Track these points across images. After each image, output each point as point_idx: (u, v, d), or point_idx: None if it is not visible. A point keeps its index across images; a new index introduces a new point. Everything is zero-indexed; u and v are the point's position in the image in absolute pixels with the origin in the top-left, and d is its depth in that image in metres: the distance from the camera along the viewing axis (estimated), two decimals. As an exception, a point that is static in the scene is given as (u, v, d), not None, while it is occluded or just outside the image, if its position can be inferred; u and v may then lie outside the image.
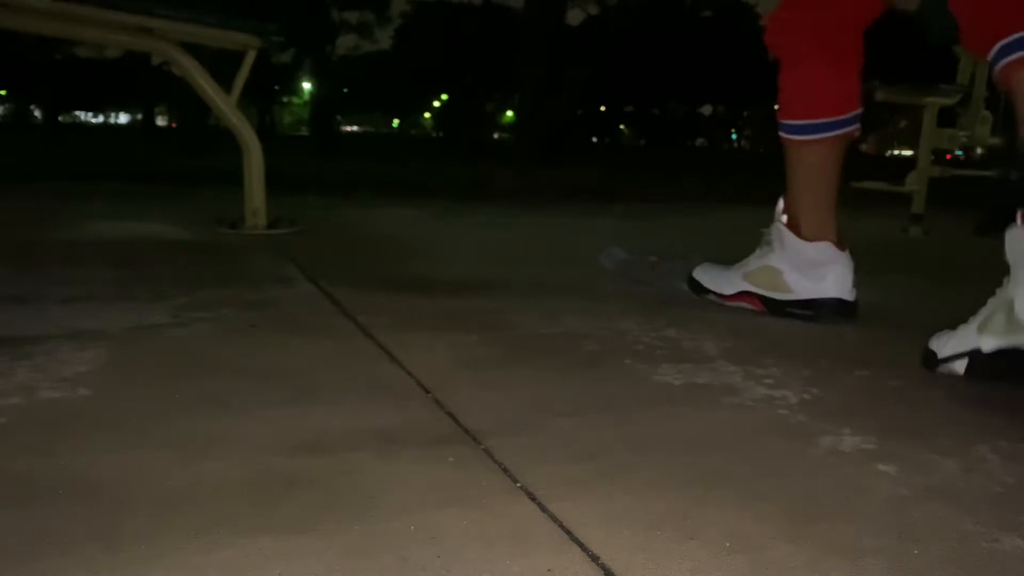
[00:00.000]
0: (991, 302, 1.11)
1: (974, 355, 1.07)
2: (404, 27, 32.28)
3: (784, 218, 1.46)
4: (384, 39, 33.24)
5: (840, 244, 1.43)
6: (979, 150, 3.18)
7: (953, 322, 1.11)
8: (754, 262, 1.50)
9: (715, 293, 1.52)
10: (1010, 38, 1.14)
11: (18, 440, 0.74)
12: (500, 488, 0.67)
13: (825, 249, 1.42)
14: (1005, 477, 0.73)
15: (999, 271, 1.76)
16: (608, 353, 1.12)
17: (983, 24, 1.16)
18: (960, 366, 1.08)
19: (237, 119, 2.26)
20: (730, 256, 1.55)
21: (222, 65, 2.38)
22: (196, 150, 8.75)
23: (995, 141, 3.10)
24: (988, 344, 1.05)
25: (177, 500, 0.63)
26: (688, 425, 0.85)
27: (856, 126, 1.44)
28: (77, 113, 46.05)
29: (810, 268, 1.43)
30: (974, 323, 1.10)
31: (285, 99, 41.22)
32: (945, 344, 1.11)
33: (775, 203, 1.49)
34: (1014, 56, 1.14)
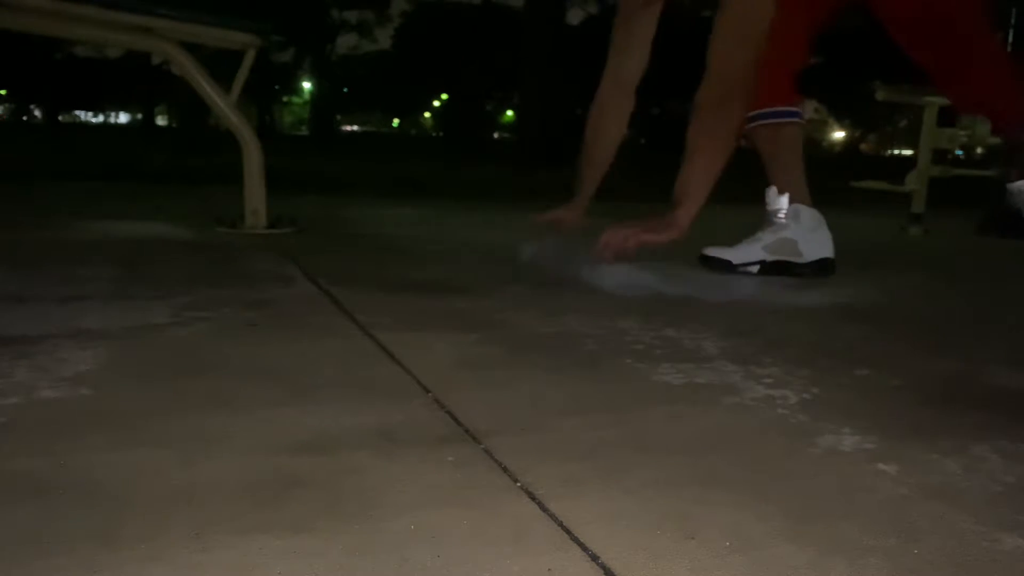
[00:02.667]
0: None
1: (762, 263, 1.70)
2: (404, 27, 32.26)
3: (786, 197, 1.75)
4: (384, 39, 33.23)
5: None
6: (979, 150, 3.17)
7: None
8: (769, 236, 1.76)
9: (728, 262, 1.74)
10: (756, 112, 1.71)
11: (18, 440, 0.74)
12: (500, 488, 0.67)
13: (817, 213, 1.77)
14: (1005, 477, 0.73)
15: (999, 271, 1.76)
16: (608, 353, 1.12)
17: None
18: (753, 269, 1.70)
19: (237, 119, 2.26)
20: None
21: (222, 65, 2.38)
22: (196, 150, 8.75)
23: (995, 141, 3.10)
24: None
25: (177, 500, 0.63)
26: (688, 425, 0.85)
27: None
28: (77, 113, 46.04)
29: (812, 233, 1.75)
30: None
31: (285, 99, 41.20)
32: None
33: (763, 199, 1.80)
34: (755, 123, 1.74)
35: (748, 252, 1.76)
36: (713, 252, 1.78)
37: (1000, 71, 1.65)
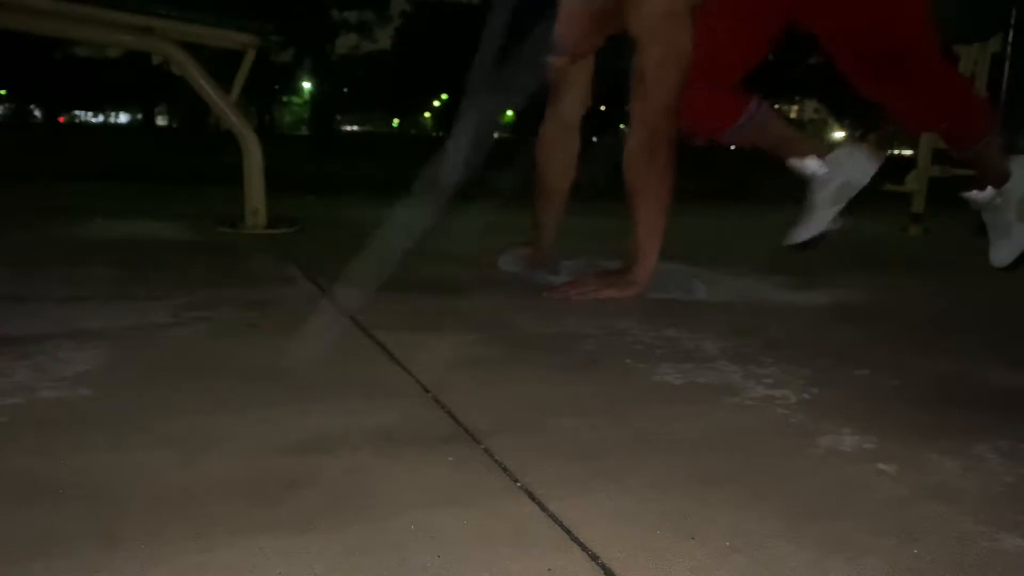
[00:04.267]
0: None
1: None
2: (404, 27, 32.26)
3: (810, 158, 1.72)
4: (384, 39, 33.24)
5: None
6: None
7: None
8: (825, 195, 1.73)
9: (822, 234, 1.72)
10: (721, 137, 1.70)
11: (18, 440, 0.74)
12: (500, 488, 0.67)
13: (841, 149, 1.76)
14: (1005, 477, 0.73)
15: (998, 271, 1.76)
16: (608, 353, 1.12)
17: None
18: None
19: (237, 119, 2.26)
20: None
21: (222, 65, 2.38)
22: (196, 150, 8.75)
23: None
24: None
25: (177, 500, 0.63)
26: (688, 425, 0.85)
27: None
28: (77, 113, 46.05)
29: (850, 162, 1.73)
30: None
31: (285, 99, 41.19)
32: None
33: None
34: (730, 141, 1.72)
35: (823, 216, 1.73)
36: (801, 236, 1.75)
37: (944, 89, 1.64)
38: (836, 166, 1.69)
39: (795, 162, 1.73)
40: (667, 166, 1.49)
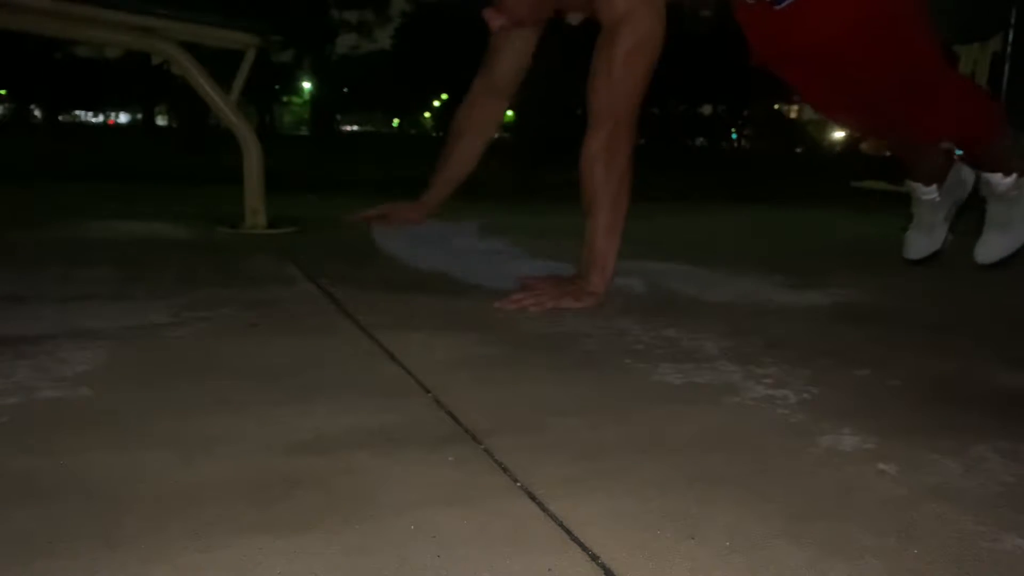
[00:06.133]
0: None
1: None
2: (404, 27, 32.26)
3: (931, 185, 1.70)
4: (384, 39, 33.23)
5: None
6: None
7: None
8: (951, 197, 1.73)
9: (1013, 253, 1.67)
10: None
11: (18, 440, 0.74)
12: (500, 488, 0.67)
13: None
14: (1005, 477, 0.73)
15: (999, 271, 1.76)
16: (608, 353, 1.12)
17: None
18: None
19: (237, 119, 2.26)
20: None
21: (222, 65, 2.38)
22: (196, 150, 8.75)
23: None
24: None
25: (177, 500, 0.63)
26: (688, 425, 0.85)
27: None
28: (77, 113, 46.04)
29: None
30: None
31: (285, 99, 41.17)
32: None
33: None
34: None
35: (940, 233, 1.77)
36: (922, 252, 1.77)
37: (952, 96, 1.58)
38: (946, 192, 1.71)
39: (920, 187, 1.72)
40: (629, 167, 1.41)
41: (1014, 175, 1.63)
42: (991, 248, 1.66)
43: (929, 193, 1.73)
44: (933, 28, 1.47)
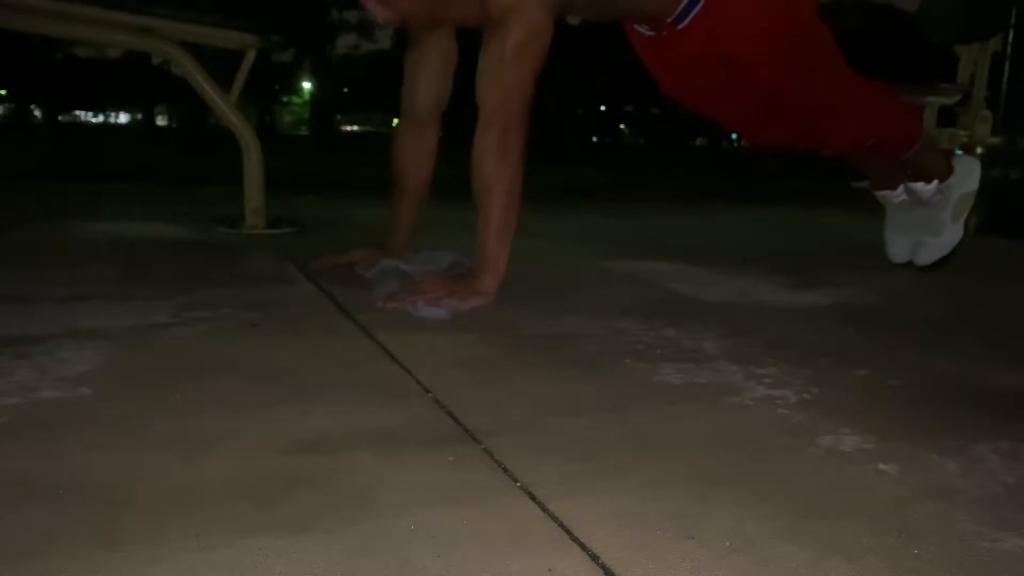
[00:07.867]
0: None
1: None
2: (404, 27, 32.25)
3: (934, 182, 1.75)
4: (384, 39, 33.23)
5: None
6: (979, 150, 3.18)
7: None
8: (946, 205, 1.76)
9: (946, 256, 1.78)
10: None
11: (18, 440, 0.74)
12: (500, 488, 0.67)
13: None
14: (1005, 477, 0.73)
15: (998, 271, 1.76)
16: (608, 353, 1.12)
17: None
18: None
19: (237, 119, 2.26)
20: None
21: (222, 65, 2.38)
22: (196, 150, 8.75)
23: (995, 141, 3.10)
24: None
25: (177, 500, 0.63)
26: (688, 425, 0.85)
27: None
28: (77, 113, 46.05)
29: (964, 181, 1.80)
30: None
31: (285, 99, 41.18)
32: None
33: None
34: None
35: (955, 231, 1.77)
36: (928, 257, 1.79)
37: (864, 106, 1.58)
38: (947, 188, 1.72)
39: (918, 186, 1.73)
40: (520, 162, 1.37)
41: (935, 182, 1.72)
42: (929, 251, 1.80)
43: (897, 196, 1.78)
44: (834, 40, 1.50)
